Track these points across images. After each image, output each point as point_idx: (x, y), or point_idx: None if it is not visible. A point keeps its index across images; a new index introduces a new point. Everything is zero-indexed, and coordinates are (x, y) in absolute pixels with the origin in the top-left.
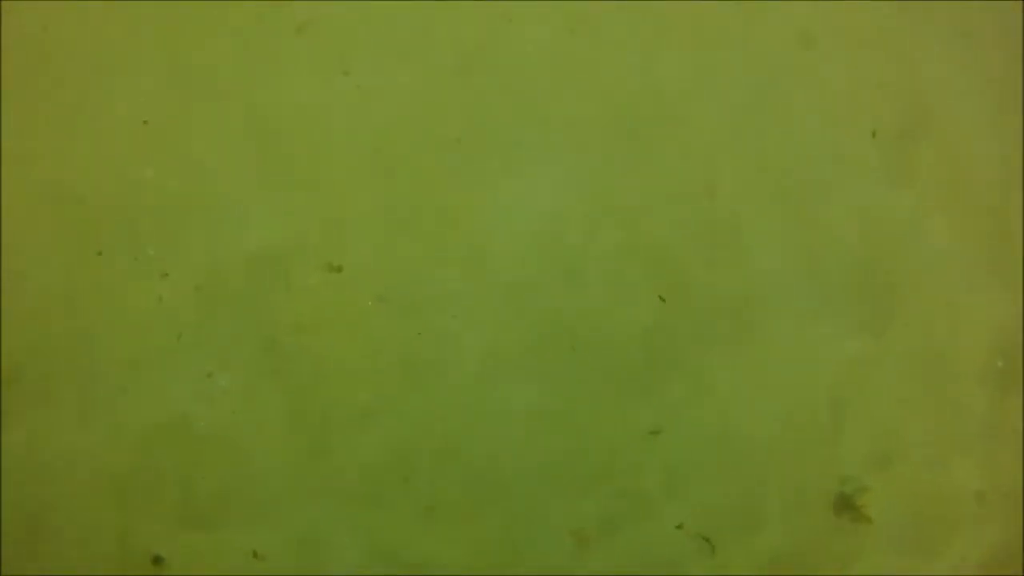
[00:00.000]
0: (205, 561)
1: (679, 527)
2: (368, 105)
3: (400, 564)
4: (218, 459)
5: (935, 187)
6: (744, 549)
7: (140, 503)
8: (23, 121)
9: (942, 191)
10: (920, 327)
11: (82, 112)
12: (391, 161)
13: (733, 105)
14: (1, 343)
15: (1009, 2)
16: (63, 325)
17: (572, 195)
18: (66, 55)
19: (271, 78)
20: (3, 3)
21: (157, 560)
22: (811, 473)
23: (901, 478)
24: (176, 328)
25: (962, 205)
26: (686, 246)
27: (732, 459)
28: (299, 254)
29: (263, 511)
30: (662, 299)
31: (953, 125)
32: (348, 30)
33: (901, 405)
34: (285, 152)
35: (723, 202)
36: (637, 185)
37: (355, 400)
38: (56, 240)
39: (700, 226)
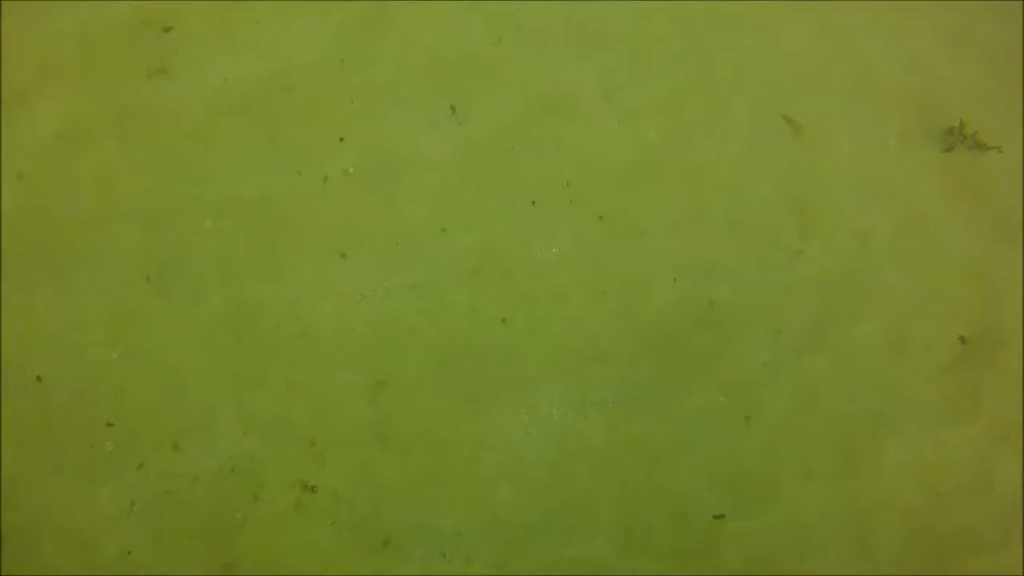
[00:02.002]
0: None
1: None
2: (362, 304)
3: None
4: None
5: (1002, 418)
6: None
7: None
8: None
9: (1010, 422)
10: None
11: (49, 282)
12: (382, 372)
13: (782, 328)
14: None
15: None
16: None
17: (587, 425)
18: (42, 210)
19: (258, 264)
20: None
21: None
22: None
23: None
24: (127, 543)
25: None
26: (712, 493)
27: None
28: (270, 468)
29: None
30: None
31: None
32: (347, 218)
33: None
34: (265, 352)
35: (759, 440)
36: (661, 416)
37: None
38: (10, 422)
39: (731, 468)
